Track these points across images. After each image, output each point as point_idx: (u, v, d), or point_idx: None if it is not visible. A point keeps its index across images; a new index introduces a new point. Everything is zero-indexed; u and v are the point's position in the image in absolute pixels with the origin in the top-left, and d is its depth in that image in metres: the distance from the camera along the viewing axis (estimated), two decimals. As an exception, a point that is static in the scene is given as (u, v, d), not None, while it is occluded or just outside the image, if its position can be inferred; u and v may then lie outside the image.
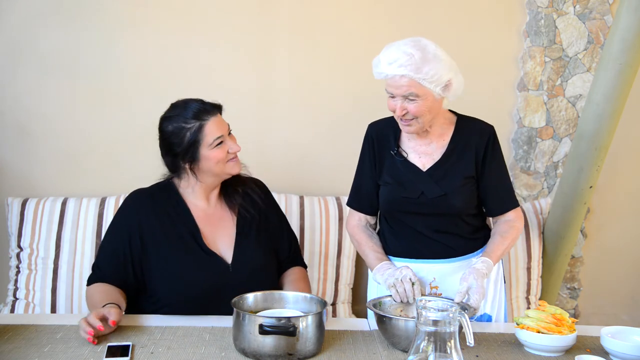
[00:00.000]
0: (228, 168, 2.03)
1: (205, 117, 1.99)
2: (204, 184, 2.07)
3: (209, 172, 2.03)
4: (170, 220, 2.04)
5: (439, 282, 2.06)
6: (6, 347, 1.69)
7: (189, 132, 1.98)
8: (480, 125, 2.12)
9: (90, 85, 2.97)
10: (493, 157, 2.08)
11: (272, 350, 1.62)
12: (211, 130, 1.98)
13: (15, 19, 2.91)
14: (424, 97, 1.92)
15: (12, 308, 2.76)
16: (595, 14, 3.09)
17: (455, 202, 2.04)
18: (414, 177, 2.06)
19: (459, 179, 2.05)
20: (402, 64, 1.88)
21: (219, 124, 2.01)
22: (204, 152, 1.98)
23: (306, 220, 2.87)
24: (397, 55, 1.90)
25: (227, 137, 2.03)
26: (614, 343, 1.74)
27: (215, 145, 1.99)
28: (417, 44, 1.92)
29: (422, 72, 1.88)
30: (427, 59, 1.89)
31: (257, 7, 3.00)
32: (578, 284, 3.28)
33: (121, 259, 2.00)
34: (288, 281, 2.17)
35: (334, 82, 3.05)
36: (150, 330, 1.84)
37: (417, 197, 2.05)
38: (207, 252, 2.01)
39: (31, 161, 2.99)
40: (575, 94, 3.14)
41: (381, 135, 2.14)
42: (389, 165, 2.11)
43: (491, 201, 2.10)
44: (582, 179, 2.80)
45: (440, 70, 1.90)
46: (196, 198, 2.08)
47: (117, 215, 2.11)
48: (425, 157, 2.08)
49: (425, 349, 1.31)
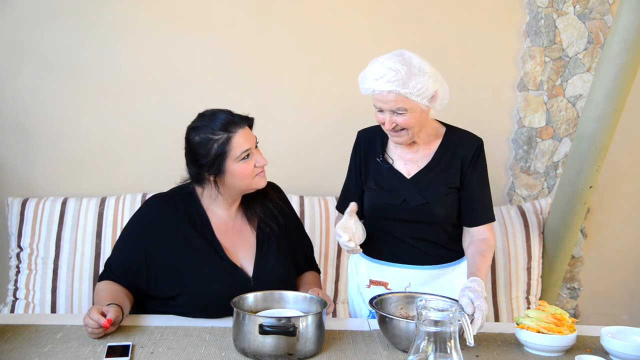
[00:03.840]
0: (254, 183, 1.99)
1: (234, 130, 1.94)
2: (226, 196, 2.03)
3: (233, 187, 1.99)
4: (190, 229, 1.99)
5: (414, 289, 2.08)
6: (6, 347, 1.69)
7: (216, 144, 1.92)
8: (469, 136, 2.12)
9: (90, 86, 2.97)
10: (476, 169, 2.08)
11: (272, 350, 1.62)
12: (238, 143, 1.93)
13: (15, 19, 2.91)
14: (412, 110, 1.94)
15: (12, 308, 2.76)
16: (595, 14, 3.09)
17: (436, 211, 2.06)
18: (398, 184, 2.08)
19: (442, 188, 2.06)
20: (389, 79, 1.90)
21: (246, 136, 1.96)
22: (230, 165, 1.94)
23: (306, 220, 2.88)
24: (383, 71, 1.91)
25: (254, 151, 1.98)
26: (614, 343, 1.74)
27: (242, 158, 1.94)
28: (401, 59, 1.93)
29: (408, 86, 1.90)
30: (413, 74, 1.90)
31: (257, 7, 3.00)
32: (578, 284, 3.28)
33: (134, 265, 1.97)
34: (300, 284, 2.17)
35: (334, 82, 3.05)
36: (150, 330, 1.84)
37: (399, 203, 2.07)
38: (229, 264, 1.97)
39: (31, 161, 2.99)
40: (575, 94, 3.15)
41: (369, 142, 2.16)
42: (374, 172, 2.13)
43: (468, 211, 2.10)
44: (582, 179, 2.80)
45: (426, 84, 1.91)
46: (217, 208, 2.04)
47: (135, 219, 2.06)
48: (410, 165, 2.09)
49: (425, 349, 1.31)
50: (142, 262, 1.97)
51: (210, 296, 1.92)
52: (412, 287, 2.09)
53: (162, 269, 1.96)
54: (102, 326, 1.72)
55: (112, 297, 1.90)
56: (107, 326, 1.73)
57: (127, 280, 1.98)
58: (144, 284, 1.98)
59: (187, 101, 2.97)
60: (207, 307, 1.93)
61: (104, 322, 1.72)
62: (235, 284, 1.93)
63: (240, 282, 1.94)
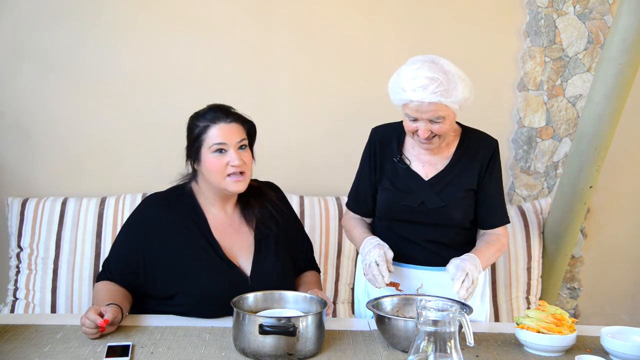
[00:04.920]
0: (226, 184, 1.95)
1: (217, 121, 1.95)
2: (207, 191, 2.02)
3: (208, 181, 1.99)
4: (188, 227, 1.99)
5: (426, 290, 2.07)
6: (6, 347, 1.69)
7: (197, 129, 1.97)
8: (486, 138, 2.12)
9: (90, 86, 2.97)
10: (493, 171, 2.09)
11: (272, 350, 1.62)
12: (214, 134, 1.93)
13: (15, 19, 2.91)
14: (448, 117, 1.93)
15: (12, 308, 2.76)
16: (595, 14, 3.09)
17: (454, 214, 2.05)
18: (415, 186, 2.06)
19: (460, 191, 2.05)
20: (432, 91, 1.86)
21: (227, 132, 1.94)
22: (204, 155, 1.95)
23: (306, 220, 2.87)
24: (424, 82, 1.87)
25: (233, 150, 1.94)
26: (614, 343, 1.74)
27: (214, 150, 1.93)
28: (438, 67, 1.90)
29: (452, 96, 1.88)
30: (454, 82, 1.89)
31: (257, 7, 3.00)
32: (578, 284, 3.28)
33: (132, 265, 1.97)
34: (300, 283, 2.16)
35: (334, 82, 3.05)
36: (150, 330, 1.84)
37: (416, 205, 2.06)
38: (227, 263, 1.97)
39: (31, 161, 2.99)
40: (575, 94, 3.15)
41: (384, 140, 2.13)
42: (390, 171, 2.10)
43: (484, 214, 2.10)
44: (582, 179, 2.80)
45: (465, 91, 1.92)
46: (212, 206, 2.03)
47: (132, 218, 2.06)
48: (428, 167, 2.08)
49: (425, 349, 1.31)
50: (140, 262, 1.97)
51: (208, 295, 1.92)
52: (424, 288, 2.07)
53: (159, 268, 1.96)
54: (99, 326, 1.72)
55: (110, 297, 1.90)
56: (104, 327, 1.73)
57: (125, 279, 1.98)
58: (142, 284, 1.98)
59: (187, 101, 2.95)
60: (205, 307, 1.93)
61: (101, 322, 1.71)
62: (232, 283, 1.93)
63: (238, 282, 1.94)
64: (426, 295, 1.95)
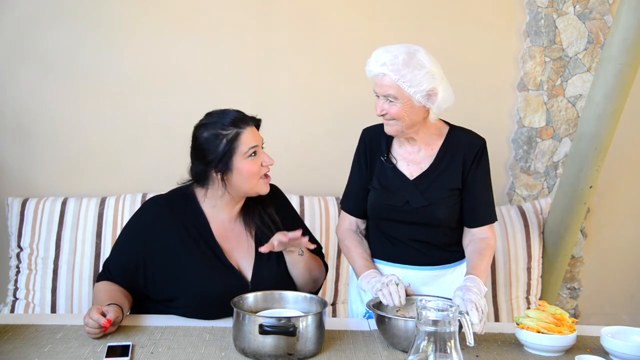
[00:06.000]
0: (259, 186, 1.97)
1: (243, 126, 1.94)
2: (231, 197, 2.00)
3: (238, 187, 1.97)
4: (189, 231, 1.98)
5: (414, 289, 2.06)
6: (6, 347, 1.69)
7: (225, 139, 1.91)
8: (471, 136, 2.10)
9: (90, 86, 2.97)
10: (478, 169, 2.07)
11: (272, 350, 1.62)
12: (247, 139, 1.93)
13: (15, 19, 2.91)
14: (403, 101, 1.93)
15: (12, 308, 2.76)
16: (595, 14, 3.09)
17: (438, 213, 2.04)
18: (401, 185, 2.07)
19: (444, 190, 2.05)
20: (384, 62, 1.91)
21: (253, 133, 1.96)
22: (237, 162, 1.92)
23: (306, 220, 2.87)
24: (383, 55, 1.93)
25: (261, 150, 1.98)
26: (614, 343, 1.74)
27: (249, 154, 1.93)
28: (407, 49, 1.94)
29: (400, 73, 1.90)
30: (409, 64, 1.90)
31: (257, 7, 3.00)
32: (578, 284, 3.28)
33: (132, 267, 1.97)
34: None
35: (334, 82, 3.06)
36: (150, 330, 1.84)
37: (402, 205, 2.06)
38: (228, 267, 1.97)
39: (31, 161, 2.99)
40: (575, 94, 3.15)
41: (374, 140, 2.15)
42: (378, 171, 2.11)
43: (469, 212, 2.09)
44: (582, 179, 2.80)
45: (419, 77, 1.90)
46: (217, 211, 2.02)
47: (134, 220, 2.05)
48: (413, 166, 2.08)
49: (425, 349, 1.31)
50: (140, 264, 1.96)
51: (208, 298, 1.92)
52: (412, 287, 2.08)
53: (160, 271, 1.95)
54: (102, 326, 1.72)
55: (111, 297, 1.90)
56: (107, 326, 1.73)
57: (125, 281, 1.98)
58: (141, 286, 1.98)
59: (188, 101, 2.97)
60: (205, 310, 1.93)
61: (104, 322, 1.72)
62: (233, 287, 1.91)
63: (238, 286, 1.93)
64: (426, 296, 1.95)
